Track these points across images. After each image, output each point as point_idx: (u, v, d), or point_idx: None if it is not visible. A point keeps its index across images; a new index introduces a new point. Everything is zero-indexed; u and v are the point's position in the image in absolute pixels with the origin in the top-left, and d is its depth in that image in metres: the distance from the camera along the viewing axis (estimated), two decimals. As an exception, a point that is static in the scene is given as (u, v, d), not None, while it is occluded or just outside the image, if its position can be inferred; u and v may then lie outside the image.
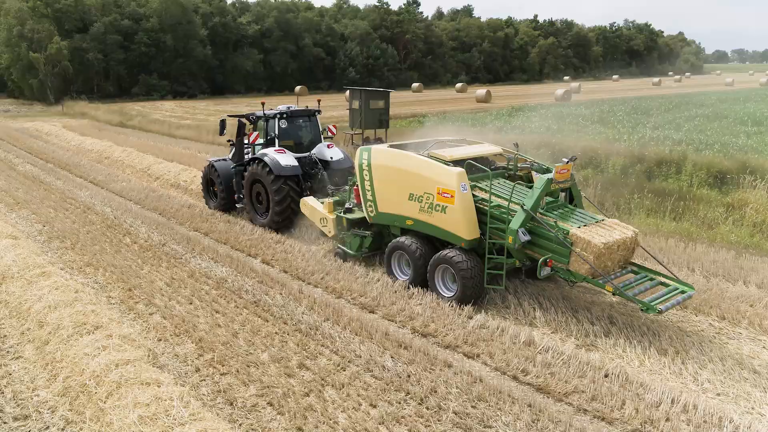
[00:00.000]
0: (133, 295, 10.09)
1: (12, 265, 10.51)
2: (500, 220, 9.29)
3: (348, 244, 11.85)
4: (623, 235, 9.01)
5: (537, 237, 9.07)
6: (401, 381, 7.33)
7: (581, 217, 9.49)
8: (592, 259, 8.53)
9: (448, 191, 9.49)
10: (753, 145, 26.82)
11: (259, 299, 9.90)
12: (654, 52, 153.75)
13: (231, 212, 15.64)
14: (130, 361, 6.96)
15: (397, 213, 10.52)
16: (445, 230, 9.72)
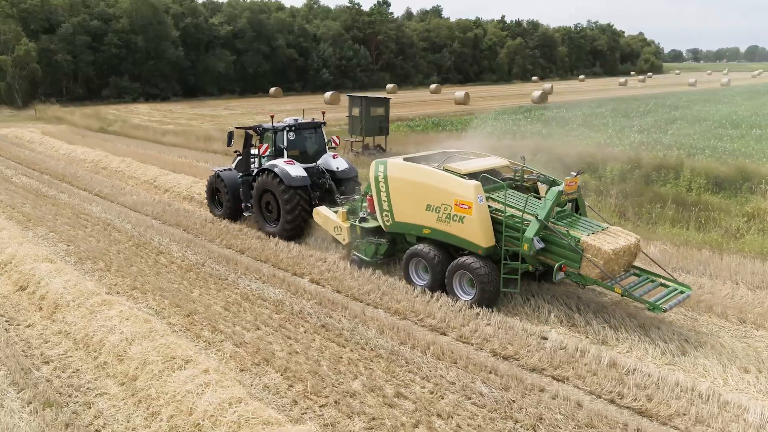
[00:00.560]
0: (194, 321, 9.91)
1: (64, 293, 10.21)
2: (515, 229, 10.05)
3: (363, 251, 12.35)
4: (628, 242, 9.92)
5: (550, 244, 9.90)
6: (504, 408, 7.40)
7: (588, 225, 10.33)
8: (602, 264, 9.37)
9: (465, 203, 10.22)
10: (741, 149, 27.68)
11: (326, 323, 9.84)
12: (616, 52, 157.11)
13: (237, 220, 16.02)
14: (242, 399, 6.85)
15: (414, 222, 11.18)
16: (463, 238, 10.42)
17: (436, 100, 64.87)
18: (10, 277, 11.70)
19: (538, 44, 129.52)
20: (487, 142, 29.38)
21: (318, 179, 15.07)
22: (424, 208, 10.89)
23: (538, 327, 9.59)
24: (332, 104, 59.92)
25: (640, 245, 10.26)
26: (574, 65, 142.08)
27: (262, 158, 15.21)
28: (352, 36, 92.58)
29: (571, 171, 11.20)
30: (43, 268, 11.44)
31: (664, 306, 9.19)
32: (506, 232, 10.12)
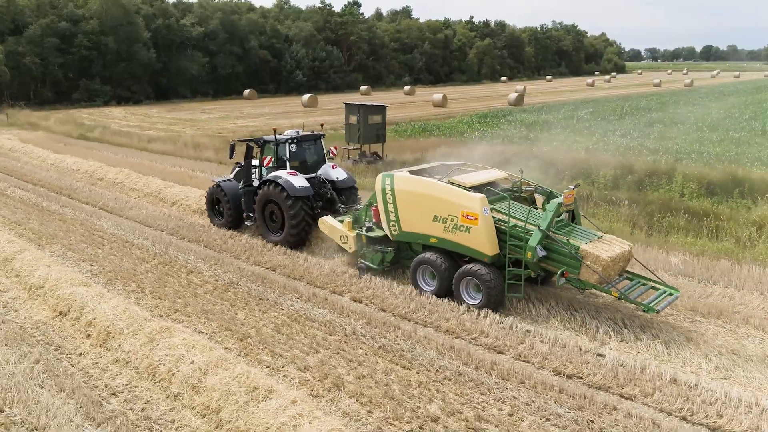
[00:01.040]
0: (251, 346, 9.90)
1: (115, 319, 10.08)
2: (518, 238, 10.84)
3: (370, 259, 13.02)
4: (622, 249, 10.84)
5: (551, 252, 10.73)
6: (585, 429, 7.64)
7: (584, 234, 11.24)
8: (600, 270, 10.26)
9: (472, 214, 11.00)
10: (724, 153, 28.63)
11: (383, 344, 9.95)
12: (581, 53, 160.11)
13: (237, 229, 16.53)
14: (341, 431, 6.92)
15: (421, 232, 11.93)
16: (469, 247, 11.21)
17: (413, 103, 65.14)
18: (46, 301, 11.48)
19: (506, 45, 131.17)
20: (479, 149, 29.90)
21: (320, 189, 15.69)
22: (431, 219, 11.61)
23: (591, 344, 9.86)
24: (310, 107, 59.73)
25: (632, 252, 11.23)
26: (540, 65, 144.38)
27: (265, 169, 15.58)
28: (325, 37, 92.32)
29: (567, 180, 12.81)
30: (83, 292, 11.25)
31: (657, 307, 10.20)
32: (510, 241, 10.92)
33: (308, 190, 14.74)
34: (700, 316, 10.99)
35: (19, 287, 12.37)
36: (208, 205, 17.20)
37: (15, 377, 8.81)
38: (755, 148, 30.32)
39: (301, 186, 14.62)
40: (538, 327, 10.43)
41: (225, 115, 52.82)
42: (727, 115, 44.73)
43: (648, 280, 11.22)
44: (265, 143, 15.81)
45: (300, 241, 14.89)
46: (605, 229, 16.26)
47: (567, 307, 11.19)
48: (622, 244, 11.07)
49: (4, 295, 12.13)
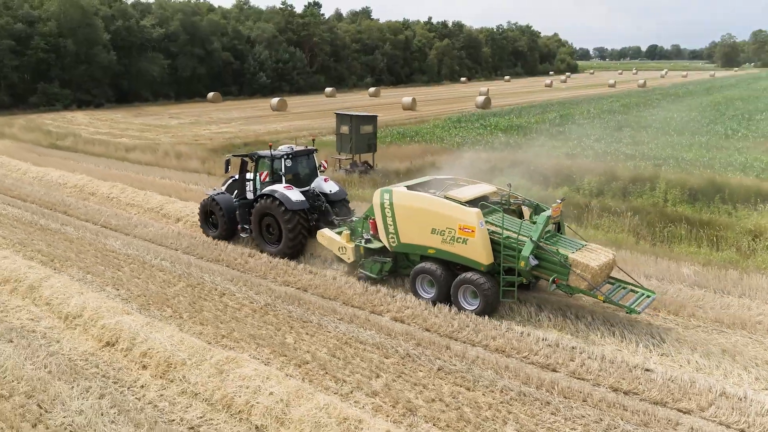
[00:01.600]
0: (311, 372, 10.07)
1: (173, 350, 10.10)
2: (511, 248, 11.86)
3: (369, 269, 13.90)
4: (607, 258, 12.02)
5: (543, 261, 11.80)
6: (658, 445, 8.14)
7: (571, 243, 12.39)
8: (590, 278, 11.39)
9: (468, 227, 11.96)
10: (698, 158, 29.87)
11: (441, 366, 10.27)
12: (535, 53, 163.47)
13: (231, 240, 17.21)
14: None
15: (420, 243, 12.85)
16: (466, 257, 12.17)
17: (382, 106, 65.35)
18: (88, 331, 11.36)
19: (464, 45, 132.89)
20: (467, 157, 30.46)
21: (314, 202, 16.38)
22: (429, 232, 12.55)
23: (634, 358, 10.41)
24: (279, 111, 59.33)
25: (615, 260, 12.44)
26: (497, 65, 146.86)
27: (262, 184, 16.34)
28: (287, 38, 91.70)
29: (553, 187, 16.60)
30: (129, 321, 11.20)
31: (638, 309, 11.34)
32: (504, 251, 11.95)
33: (304, 204, 15.53)
34: (725, 327, 11.70)
35: (53, 316, 12.19)
36: (201, 217, 17.65)
37: (85, 414, 8.78)
38: (724, 152, 31.78)
39: (297, 200, 15.38)
40: (582, 343, 10.93)
41: (194, 120, 52.00)
42: (689, 118, 46.52)
43: (627, 284, 12.41)
44: (260, 158, 16.56)
45: (296, 253, 15.63)
46: (612, 240, 17.04)
47: (603, 322, 11.74)
48: (606, 252, 12.30)
49: (37, 324, 11.94)
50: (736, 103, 59.92)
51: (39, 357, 10.50)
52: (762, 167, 27.00)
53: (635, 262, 14.97)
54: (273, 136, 40.34)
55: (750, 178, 24.67)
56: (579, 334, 11.39)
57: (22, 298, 13.04)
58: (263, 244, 16.17)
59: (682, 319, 12.07)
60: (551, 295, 12.91)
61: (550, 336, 11.16)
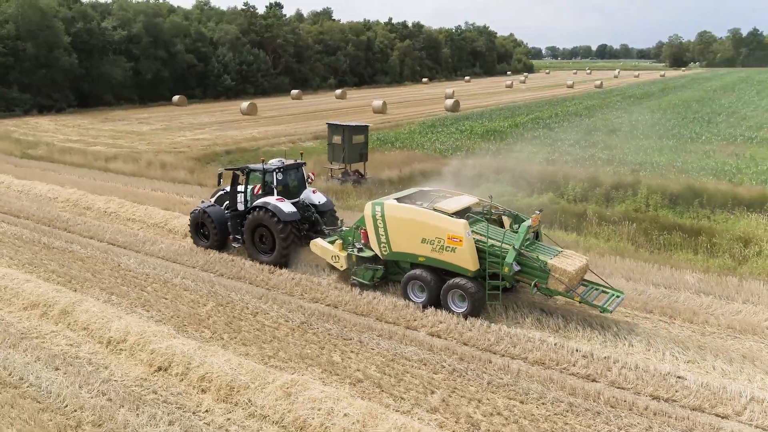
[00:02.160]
0: (367, 390, 10.48)
1: (233, 373, 10.35)
2: (496, 255, 13.03)
3: (361, 276, 14.89)
4: (581, 263, 13.33)
5: (524, 267, 13.00)
6: (708, 450, 8.90)
7: (548, 250, 13.64)
8: (567, 281, 12.66)
9: (457, 237, 13.08)
10: (671, 163, 31.24)
11: (490, 380, 10.82)
12: (493, 53, 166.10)
13: (222, 250, 18.00)
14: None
15: (410, 252, 13.94)
16: (455, 264, 13.28)
17: (350, 108, 65.64)
18: (135, 356, 11.50)
19: (424, 46, 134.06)
20: (454, 164, 31.15)
21: (304, 213, 17.28)
22: (419, 241, 13.63)
23: (663, 366, 11.18)
24: (249, 115, 59.01)
25: (588, 264, 13.72)
26: (457, 66, 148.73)
27: (255, 196, 17.19)
28: (250, 40, 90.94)
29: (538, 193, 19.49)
30: (179, 344, 11.38)
31: (609, 308, 12.63)
32: (489, 258, 13.09)
33: (296, 215, 16.45)
34: (738, 333, 12.63)
35: (93, 341, 12.24)
36: (192, 228, 18.34)
37: (162, 443, 9.00)
38: (693, 156, 33.37)
39: (290, 211, 16.29)
40: (613, 352, 11.65)
41: (165, 125, 51.25)
42: (653, 121, 48.40)
43: (598, 285, 13.69)
44: (251, 171, 17.47)
45: (287, 260, 16.58)
46: (613, 248, 17.94)
47: (628, 332, 12.51)
48: (580, 257, 13.63)
49: (78, 350, 11.98)
50: (693, 105, 62.49)
51: (93, 384, 10.62)
52: (732, 171, 28.56)
53: (641, 271, 15.88)
54: (252, 143, 40.39)
55: (724, 183, 26.05)
56: (607, 344, 12.11)
57: (55, 323, 13.02)
58: (256, 254, 16.96)
59: (698, 326, 12.95)
60: (577, 307, 13.64)
61: (583, 347, 11.86)
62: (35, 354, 11.74)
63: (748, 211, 22.37)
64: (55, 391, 10.40)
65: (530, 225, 13.43)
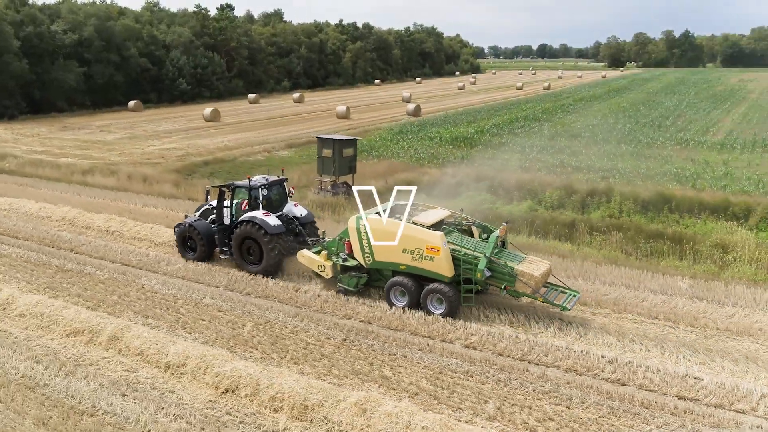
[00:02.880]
0: (427, 402, 11.44)
1: (303, 392, 11.09)
2: (469, 262, 14.71)
3: (346, 283, 16.34)
4: (545, 267, 15.09)
5: (495, 272, 14.82)
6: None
7: (514, 256, 15.40)
8: (533, 284, 14.36)
9: (434, 247, 14.72)
10: (636, 169, 33.26)
11: (534, 388, 11.95)
12: (441, 54, 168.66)
13: (208, 261, 19.18)
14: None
15: (392, 261, 15.51)
16: (433, 271, 14.91)
17: (313, 113, 66.06)
18: (198, 379, 12.08)
19: (375, 47, 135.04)
20: (432, 173, 32.27)
21: (288, 226, 18.51)
22: (401, 251, 15.19)
23: (679, 368, 12.59)
24: (212, 121, 58.67)
25: (551, 269, 15.52)
26: (407, 67, 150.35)
27: (241, 211, 18.38)
28: (203, 43, 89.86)
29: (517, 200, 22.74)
30: (242, 366, 12.04)
31: (568, 306, 14.47)
32: (463, 265, 14.72)
33: (282, 228, 17.74)
34: (735, 335, 14.23)
35: (149, 366, 12.73)
36: (179, 241, 19.40)
37: (254, 461, 9.73)
38: (653, 162, 35.64)
39: (276, 224, 17.58)
40: (633, 357, 12.99)
41: (129, 133, 50.53)
42: (608, 125, 50.93)
43: (557, 286, 15.45)
44: (237, 188, 18.66)
45: (275, 270, 17.77)
46: (606, 256, 19.44)
47: (642, 337, 13.91)
48: (543, 262, 15.37)
49: (136, 375, 12.47)
50: (640, 108, 65.81)
51: (167, 409, 11.20)
52: (693, 177, 30.76)
53: (637, 278, 17.41)
54: (227, 153, 40.52)
55: (689, 189, 28.13)
56: (626, 350, 13.46)
57: (105, 349, 13.42)
58: (244, 265, 18.14)
59: (700, 330, 14.49)
60: (590, 315, 14.98)
61: (606, 353, 13.15)
62: (96, 381, 12.20)
63: (713, 215, 24.48)
64: (133, 418, 10.94)
65: (498, 235, 15.27)
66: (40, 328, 14.45)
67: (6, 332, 14.36)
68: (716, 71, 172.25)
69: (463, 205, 26.54)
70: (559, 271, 17.96)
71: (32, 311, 14.98)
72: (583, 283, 17.15)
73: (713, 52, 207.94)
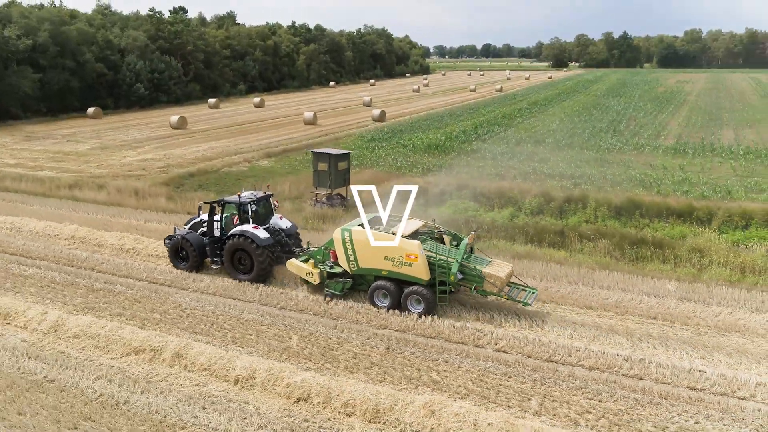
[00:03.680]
0: (480, 402, 13.03)
1: (374, 398, 12.48)
2: (443, 267, 16.91)
3: (333, 287, 18.33)
4: (509, 269, 17.35)
5: (465, 275, 17.02)
6: (748, 418, 12.28)
7: (481, 260, 17.70)
8: (500, 285, 16.68)
9: (413, 254, 16.83)
10: (602, 175, 35.75)
11: (567, 385, 13.70)
12: (392, 55, 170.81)
13: (200, 271, 20.80)
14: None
15: (375, 267, 17.58)
16: (412, 276, 17.05)
17: (282, 120, 66.52)
18: (268, 390, 13.28)
19: (328, 49, 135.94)
20: (418, 182, 33.83)
21: (275, 237, 20.31)
22: (382, 258, 17.26)
23: (683, 362, 14.60)
24: (180, 128, 58.60)
25: (513, 270, 17.81)
26: (359, 68, 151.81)
27: (232, 225, 20.12)
28: (159, 47, 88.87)
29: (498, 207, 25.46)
30: (310, 377, 13.34)
31: (528, 302, 16.86)
32: (438, 270, 16.89)
33: (270, 240, 19.55)
34: (724, 331, 16.39)
35: (218, 380, 13.84)
36: (171, 253, 21.04)
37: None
38: (617, 168, 38.25)
39: (265, 237, 19.35)
40: (644, 355, 14.93)
41: (98, 143, 50.06)
42: (567, 130, 53.78)
43: (517, 285, 17.78)
44: (227, 203, 20.44)
45: (264, 278, 19.62)
46: (598, 262, 21.46)
47: (648, 337, 15.88)
48: (506, 265, 17.72)
49: (207, 389, 13.55)
50: (593, 112, 69.29)
51: (250, 419, 12.41)
52: (657, 183, 33.41)
53: (631, 282, 19.49)
54: (207, 163, 41.03)
55: (655, 194, 30.68)
56: (635, 348, 15.39)
57: (170, 366, 14.43)
58: (235, 274, 19.87)
59: (694, 328, 16.60)
60: (597, 317, 16.91)
61: (621, 352, 15.05)
62: (173, 395, 13.26)
63: (679, 219, 27.04)
64: (222, 428, 12.11)
65: (467, 242, 17.59)
66: (98, 348, 15.30)
67: (65, 353, 15.15)
68: (653, 72, 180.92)
69: (449, 213, 28.57)
70: (560, 277, 19.97)
71: (86, 332, 15.78)
72: (584, 288, 19.12)
73: (649, 53, 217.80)
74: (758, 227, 25.38)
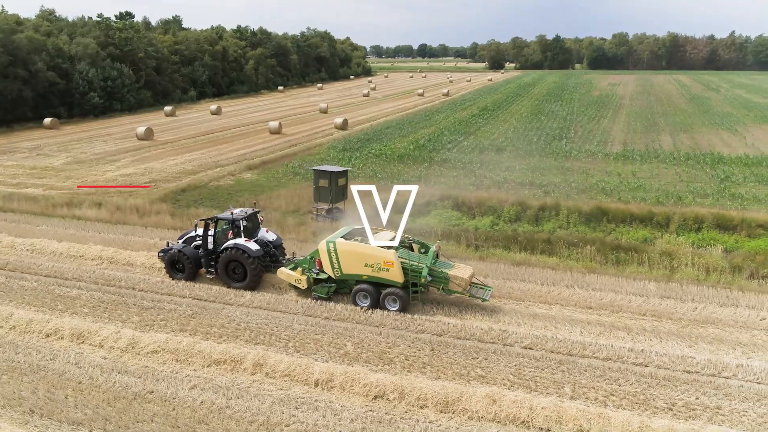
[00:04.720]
0: (523, 392, 15.80)
1: (443, 392, 15.06)
2: (414, 271, 20.18)
3: (319, 291, 21.30)
4: (470, 271, 20.68)
5: (433, 277, 20.28)
6: (746, 393, 15.56)
7: (446, 264, 20.90)
8: (463, 285, 19.94)
9: (389, 261, 20.04)
10: (566, 183, 39.41)
11: (590, 374, 16.66)
12: (336, 58, 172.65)
13: (194, 281, 23.20)
14: None
15: (356, 273, 20.61)
16: (389, 279, 20.20)
17: (247, 128, 67.50)
18: (346, 390, 15.59)
19: (274, 53, 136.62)
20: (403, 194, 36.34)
21: (264, 249, 22.98)
22: (363, 265, 20.35)
23: (675, 351, 17.85)
24: (146, 140, 59.04)
25: (474, 272, 21.11)
26: (304, 72, 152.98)
27: (226, 239, 22.75)
28: (109, 54, 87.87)
29: (479, 216, 29.11)
30: (381, 377, 15.75)
31: (486, 298, 20.36)
32: (411, 273, 20.15)
33: (261, 251, 22.32)
34: (702, 324, 19.79)
35: (299, 384, 16.04)
36: (168, 265, 23.42)
37: (433, 444, 13.65)
38: (577, 176, 41.98)
39: (256, 249, 22.12)
40: (644, 346, 18.09)
41: (70, 157, 50.12)
42: (522, 137, 57.61)
43: (477, 284, 21.04)
44: (218, 220, 23.18)
45: (256, 285, 22.31)
46: (587, 267, 24.70)
47: (642, 332, 19.08)
48: (468, 267, 21.07)
49: (290, 392, 15.73)
50: (541, 118, 73.72)
51: (340, 415, 14.73)
52: (617, 190, 37.26)
53: (618, 284, 22.77)
54: (192, 177, 42.31)
55: (617, 201, 34.42)
56: (635, 340, 18.55)
57: (251, 374, 16.51)
58: (229, 282, 22.45)
59: (677, 322, 19.96)
60: (598, 316, 20.04)
61: (625, 345, 18.17)
62: (266, 399, 15.40)
63: (641, 224, 30.80)
64: (321, 423, 14.39)
65: (435, 250, 20.87)
66: (178, 362, 17.17)
67: (148, 368, 16.95)
68: (585, 74, 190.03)
69: (434, 222, 31.33)
70: (557, 281, 23.06)
71: (164, 347, 17.62)
72: (580, 290, 22.26)
73: (580, 55, 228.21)
74: (709, 230, 29.36)
